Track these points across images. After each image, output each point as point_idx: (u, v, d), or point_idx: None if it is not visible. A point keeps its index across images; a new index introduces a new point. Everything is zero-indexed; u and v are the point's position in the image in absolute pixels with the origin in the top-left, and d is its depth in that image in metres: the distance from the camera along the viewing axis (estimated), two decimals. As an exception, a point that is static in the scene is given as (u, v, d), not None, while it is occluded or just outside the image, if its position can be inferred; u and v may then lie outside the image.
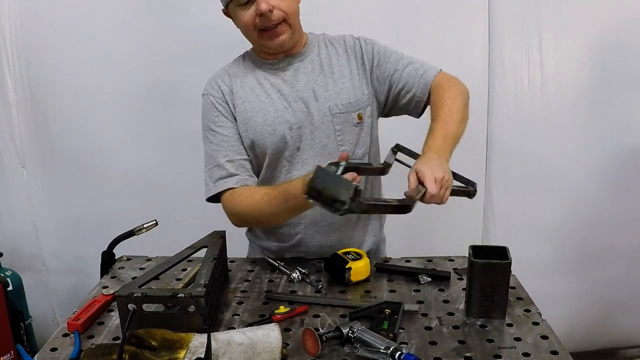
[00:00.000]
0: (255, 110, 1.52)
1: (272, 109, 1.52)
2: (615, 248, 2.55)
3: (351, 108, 1.52)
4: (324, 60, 1.56)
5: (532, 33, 2.28)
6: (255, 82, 1.55)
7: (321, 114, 1.51)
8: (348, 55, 1.57)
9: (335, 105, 1.51)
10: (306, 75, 1.53)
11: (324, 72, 1.54)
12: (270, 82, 1.54)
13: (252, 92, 1.54)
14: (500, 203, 2.45)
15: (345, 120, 1.52)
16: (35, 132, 2.33)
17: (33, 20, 2.20)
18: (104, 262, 1.50)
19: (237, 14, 1.46)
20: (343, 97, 1.52)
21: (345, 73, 1.55)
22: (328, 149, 1.53)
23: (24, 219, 2.43)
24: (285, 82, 1.53)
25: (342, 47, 1.58)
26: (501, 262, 1.21)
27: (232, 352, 1.06)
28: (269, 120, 1.51)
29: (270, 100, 1.52)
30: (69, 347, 1.13)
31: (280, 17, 1.43)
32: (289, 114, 1.51)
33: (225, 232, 1.45)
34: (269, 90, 1.53)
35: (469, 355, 1.10)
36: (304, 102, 1.51)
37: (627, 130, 2.40)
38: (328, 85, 1.53)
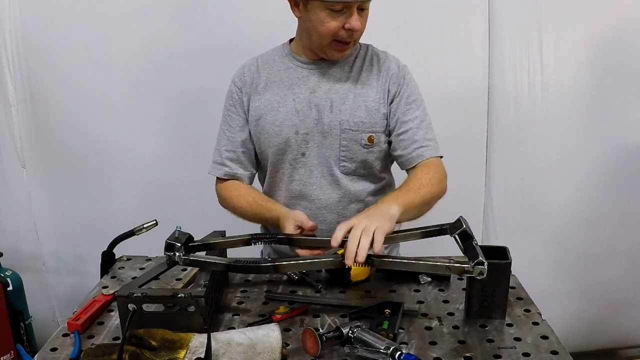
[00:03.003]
0: (268, 109, 1.53)
1: (283, 110, 1.51)
2: (615, 248, 2.55)
3: (363, 128, 1.50)
4: (353, 74, 1.54)
5: (532, 33, 2.28)
6: (279, 78, 1.54)
7: (331, 126, 1.50)
8: (381, 76, 1.53)
9: (347, 121, 1.50)
10: (329, 84, 1.52)
11: (349, 84, 1.52)
12: (292, 82, 1.53)
13: (271, 89, 1.54)
14: (500, 203, 2.45)
15: (353, 138, 1.50)
16: (35, 132, 2.33)
17: (33, 20, 2.20)
18: (104, 262, 1.50)
19: (319, 15, 1.40)
20: (357, 115, 1.50)
21: (369, 93, 1.52)
22: (330, 162, 1.53)
23: (24, 219, 2.43)
24: (307, 85, 1.52)
25: (378, 66, 1.55)
26: (501, 262, 1.21)
27: (232, 352, 1.06)
28: (277, 120, 1.51)
29: (284, 101, 1.52)
30: (69, 347, 1.13)
31: (358, 37, 1.46)
32: (297, 118, 1.50)
33: (225, 232, 1.45)
34: (287, 91, 1.52)
35: (469, 355, 1.10)
36: (318, 109, 1.50)
37: (627, 130, 2.40)
38: (347, 98, 1.51)
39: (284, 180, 1.56)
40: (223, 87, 2.05)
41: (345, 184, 1.54)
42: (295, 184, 1.55)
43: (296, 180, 1.55)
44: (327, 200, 1.55)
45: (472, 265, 1.12)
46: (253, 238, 1.39)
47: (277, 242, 1.41)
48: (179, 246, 1.24)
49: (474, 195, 2.44)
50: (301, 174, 1.54)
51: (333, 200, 1.55)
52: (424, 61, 2.26)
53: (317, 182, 1.54)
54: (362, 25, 1.42)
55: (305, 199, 1.56)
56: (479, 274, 1.12)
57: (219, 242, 1.37)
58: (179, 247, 1.23)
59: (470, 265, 1.13)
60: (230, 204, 1.59)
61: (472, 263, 1.13)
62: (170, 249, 1.24)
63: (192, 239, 1.30)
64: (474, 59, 2.30)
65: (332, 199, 1.55)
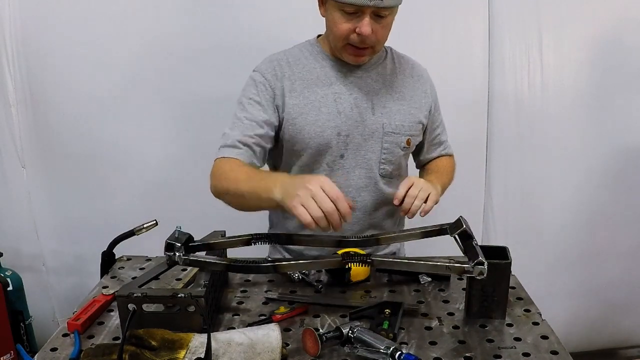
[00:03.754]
0: (308, 107, 1.48)
1: (325, 110, 1.48)
2: (615, 248, 2.55)
3: (403, 131, 1.52)
4: (388, 77, 1.54)
5: (532, 33, 2.29)
6: (315, 76, 1.50)
7: (373, 129, 1.50)
8: (414, 80, 1.57)
9: (389, 124, 1.51)
10: (368, 86, 1.51)
11: (386, 87, 1.53)
12: (330, 82, 1.50)
13: (310, 87, 1.49)
14: (500, 203, 2.46)
15: (394, 141, 1.52)
16: (35, 132, 2.33)
17: (33, 20, 2.20)
18: (104, 262, 1.50)
19: (333, 16, 1.39)
20: (398, 118, 1.52)
21: (406, 95, 1.54)
22: (370, 164, 1.53)
23: (24, 219, 2.43)
24: (346, 86, 1.50)
25: (410, 70, 1.58)
26: (501, 262, 1.21)
27: (232, 352, 1.06)
28: (319, 121, 1.48)
29: (324, 100, 1.48)
30: (69, 347, 1.13)
31: (372, 43, 1.41)
32: (340, 119, 1.48)
33: (225, 232, 1.45)
34: (327, 90, 1.49)
35: (469, 355, 1.10)
36: (360, 112, 1.49)
37: (627, 130, 2.40)
38: (387, 102, 1.52)
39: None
40: (223, 87, 2.06)
41: (381, 186, 1.55)
42: None
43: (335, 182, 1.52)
44: (362, 203, 1.55)
45: (472, 265, 1.12)
46: (253, 238, 1.39)
47: (277, 242, 1.41)
48: (179, 246, 1.24)
49: (474, 195, 2.44)
50: (338, 176, 1.52)
51: (367, 202, 1.55)
52: (424, 61, 2.24)
53: (353, 184, 1.53)
54: (379, 32, 1.38)
55: None
56: (479, 274, 1.13)
57: (219, 242, 1.37)
58: (179, 247, 1.23)
59: (470, 265, 1.13)
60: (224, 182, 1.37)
61: (472, 263, 1.13)
62: (170, 249, 1.24)
63: (192, 239, 1.30)
64: (474, 59, 2.30)
65: (366, 201, 1.55)
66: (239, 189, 1.32)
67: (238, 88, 1.79)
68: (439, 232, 1.32)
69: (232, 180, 1.35)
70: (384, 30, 1.40)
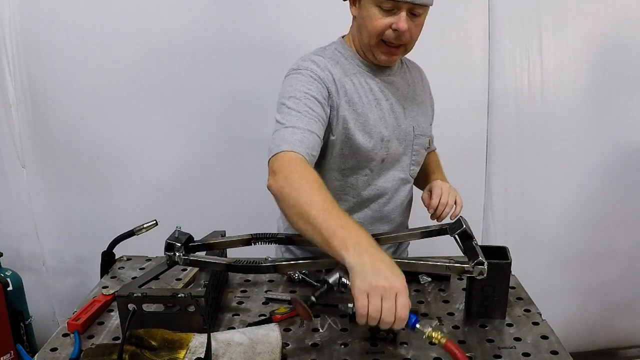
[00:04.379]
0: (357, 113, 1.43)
1: (371, 115, 1.45)
2: (615, 248, 2.55)
3: (426, 132, 1.58)
4: (409, 81, 1.57)
5: (532, 33, 2.29)
6: (357, 81, 1.46)
7: (406, 131, 1.52)
8: (423, 83, 1.64)
9: (418, 127, 1.54)
10: (399, 90, 1.53)
11: (411, 91, 1.56)
12: (370, 87, 1.48)
13: (355, 92, 1.44)
14: (500, 203, 2.46)
15: (421, 143, 1.56)
16: (35, 132, 2.33)
17: (33, 20, 2.20)
18: (104, 262, 1.50)
19: (370, 12, 1.37)
20: (422, 120, 1.56)
21: (423, 99, 1.60)
22: (402, 166, 1.55)
23: (24, 219, 2.43)
24: (382, 92, 1.50)
25: (417, 72, 1.63)
26: (501, 262, 1.21)
27: (232, 352, 1.06)
28: (367, 127, 1.44)
29: (369, 106, 1.45)
30: (69, 347, 1.13)
31: (407, 40, 1.41)
32: (382, 125, 1.47)
33: (225, 232, 1.45)
34: (370, 96, 1.47)
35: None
36: (395, 116, 1.50)
37: (627, 130, 2.40)
38: (413, 105, 1.55)
39: (358, 185, 1.51)
40: (223, 87, 2.06)
41: (409, 187, 1.61)
42: (371, 189, 1.52)
43: (372, 185, 1.52)
44: (395, 203, 1.57)
45: (472, 265, 1.12)
46: (253, 238, 1.39)
47: (277, 242, 1.41)
48: (179, 246, 1.24)
49: (474, 196, 2.44)
50: (376, 179, 1.52)
51: (399, 202, 1.58)
52: (423, 61, 2.25)
53: (390, 187, 1.54)
54: (413, 30, 1.39)
55: (377, 202, 1.55)
56: (479, 274, 1.13)
57: (219, 242, 1.37)
58: (179, 247, 1.24)
59: (470, 265, 1.13)
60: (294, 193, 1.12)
61: (472, 263, 1.13)
62: (170, 249, 1.24)
63: (192, 239, 1.30)
64: (474, 59, 2.30)
65: (398, 201, 1.58)
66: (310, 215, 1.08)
67: (238, 88, 1.79)
68: (439, 232, 1.32)
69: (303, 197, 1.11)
70: (417, 29, 1.41)
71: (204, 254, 1.34)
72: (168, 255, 1.24)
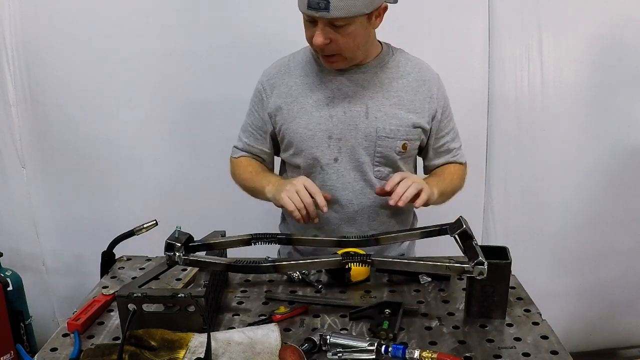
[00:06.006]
0: (301, 112, 1.51)
1: (317, 114, 1.50)
2: (615, 248, 2.55)
3: (398, 135, 1.51)
4: (387, 80, 1.52)
5: (532, 33, 2.28)
6: (310, 80, 1.52)
7: (366, 132, 1.50)
8: (418, 84, 1.54)
9: (383, 128, 1.50)
10: (364, 90, 1.50)
11: (383, 91, 1.51)
12: (325, 85, 1.51)
13: (305, 92, 1.52)
14: (500, 203, 2.45)
15: (388, 145, 1.51)
16: (35, 132, 2.33)
17: (33, 20, 2.20)
18: (104, 262, 1.50)
19: (304, 22, 1.42)
20: (393, 123, 1.50)
21: (405, 100, 1.52)
22: (364, 168, 1.53)
23: (24, 219, 2.43)
24: (340, 90, 1.50)
25: (415, 74, 1.55)
26: (501, 262, 1.21)
27: (231, 352, 1.06)
28: (310, 124, 1.50)
29: (317, 104, 1.50)
30: (69, 347, 1.13)
31: (335, 51, 1.40)
32: (331, 123, 1.49)
33: (225, 232, 1.45)
34: (321, 95, 1.50)
35: (469, 355, 1.10)
36: (353, 115, 1.49)
37: (627, 130, 2.40)
38: (383, 106, 1.50)
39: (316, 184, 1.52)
40: (223, 88, 2.06)
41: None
42: (328, 189, 1.53)
43: (328, 185, 1.54)
44: (360, 205, 1.55)
45: (472, 265, 1.13)
46: (253, 238, 1.39)
47: (277, 242, 1.42)
48: (179, 246, 1.24)
49: (474, 195, 2.44)
50: (333, 180, 1.53)
51: (365, 204, 1.55)
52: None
53: (349, 187, 1.54)
54: (340, 41, 1.37)
55: (337, 203, 1.55)
56: (479, 274, 1.13)
57: (219, 242, 1.37)
58: (179, 247, 1.24)
59: (470, 265, 1.13)
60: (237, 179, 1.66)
61: (472, 263, 1.13)
62: (170, 249, 1.24)
63: (192, 239, 1.30)
64: (474, 59, 2.30)
65: (363, 203, 1.55)
66: (246, 186, 1.64)
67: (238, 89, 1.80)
68: (439, 232, 1.32)
69: (240, 178, 1.65)
70: (345, 39, 1.38)
71: (204, 254, 1.34)
72: (168, 255, 1.24)
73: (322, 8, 1.29)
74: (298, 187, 1.39)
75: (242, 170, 1.65)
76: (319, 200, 1.39)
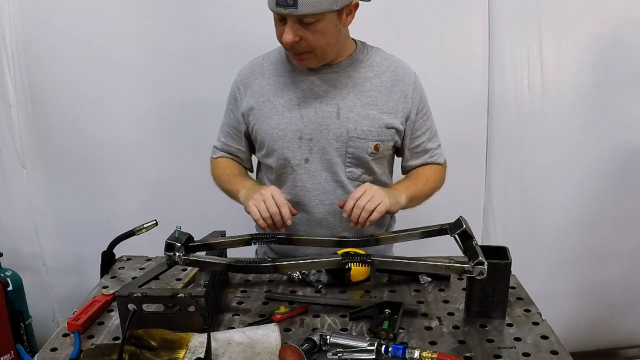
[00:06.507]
0: (273, 112, 1.51)
1: (288, 114, 1.50)
2: (615, 248, 2.55)
3: (370, 136, 1.49)
4: (360, 80, 1.51)
5: (532, 33, 2.28)
6: (283, 80, 1.52)
7: (338, 133, 1.49)
8: (392, 84, 1.52)
9: (355, 129, 1.48)
10: (336, 89, 1.50)
11: (355, 91, 1.50)
12: (297, 86, 1.51)
13: (277, 92, 1.52)
14: (500, 203, 2.45)
15: (360, 146, 1.50)
16: (35, 132, 2.33)
17: (33, 20, 2.20)
18: (104, 262, 1.50)
19: (274, 20, 1.41)
20: (365, 123, 1.49)
21: (377, 101, 1.50)
22: (335, 168, 1.52)
23: (24, 219, 2.43)
24: (311, 90, 1.50)
25: (390, 74, 1.52)
26: (501, 262, 1.21)
27: (231, 352, 1.06)
28: (281, 125, 1.50)
29: (289, 105, 1.50)
30: (69, 347, 1.13)
31: (306, 49, 1.40)
32: (302, 123, 1.49)
33: (225, 232, 1.45)
34: (292, 95, 1.51)
35: (469, 355, 1.10)
36: (324, 116, 1.49)
37: (627, 130, 2.40)
38: (355, 106, 1.49)
39: (287, 185, 1.55)
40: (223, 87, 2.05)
41: (350, 189, 1.53)
42: (299, 190, 1.54)
43: (299, 186, 1.54)
44: (331, 206, 1.55)
45: (472, 265, 1.13)
46: (253, 238, 1.39)
47: (277, 242, 1.42)
48: (179, 246, 1.24)
49: (474, 195, 2.44)
50: (304, 180, 1.53)
51: (336, 206, 1.54)
52: (424, 61, 2.25)
53: (320, 187, 1.54)
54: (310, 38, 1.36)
55: (309, 204, 1.55)
56: (479, 274, 1.13)
57: (219, 242, 1.37)
58: (179, 247, 1.24)
59: (470, 265, 1.13)
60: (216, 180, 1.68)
61: (472, 263, 1.13)
62: (170, 249, 1.24)
63: (192, 239, 1.30)
64: (474, 59, 2.30)
65: (335, 204, 1.54)
66: (223, 187, 1.65)
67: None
68: (439, 232, 1.32)
69: (218, 180, 1.67)
70: (315, 36, 1.37)
71: (204, 254, 1.34)
72: (168, 255, 1.24)
73: (290, 5, 1.29)
74: (265, 197, 1.39)
75: (221, 171, 1.66)
76: (284, 212, 1.39)
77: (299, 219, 1.55)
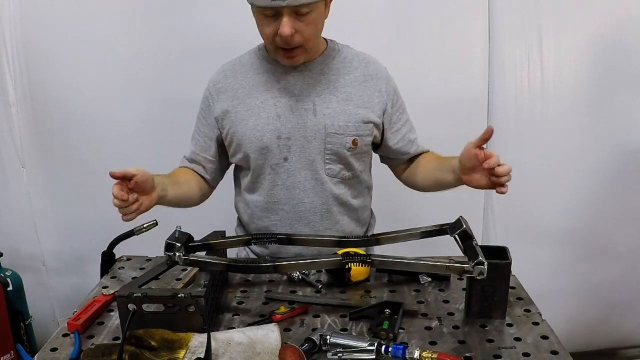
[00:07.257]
0: (248, 114, 1.51)
1: (264, 114, 1.50)
2: (615, 248, 2.55)
3: (347, 131, 1.50)
4: (333, 77, 1.51)
5: (532, 33, 2.28)
6: (257, 81, 1.53)
7: (315, 130, 1.49)
8: (365, 79, 1.53)
9: (332, 125, 1.49)
10: (310, 87, 1.50)
11: (330, 88, 1.50)
12: (271, 86, 1.51)
13: (251, 94, 1.52)
14: (500, 203, 2.45)
15: (338, 142, 1.50)
16: (35, 132, 2.33)
17: (33, 20, 2.20)
18: (104, 262, 1.51)
19: (258, 20, 1.40)
20: (342, 118, 1.49)
21: (352, 96, 1.51)
22: (315, 165, 1.52)
23: (24, 219, 2.43)
24: (286, 89, 1.50)
25: (362, 69, 1.53)
26: (501, 262, 1.21)
27: (231, 352, 1.06)
28: (258, 125, 1.50)
29: (264, 105, 1.50)
30: (69, 347, 1.13)
31: (300, 42, 1.39)
32: (279, 123, 1.49)
33: (225, 232, 1.45)
34: (267, 95, 1.51)
35: (469, 355, 1.10)
36: (300, 114, 1.49)
37: (627, 130, 2.40)
38: (331, 102, 1.50)
39: (265, 185, 1.55)
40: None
41: (329, 186, 1.54)
42: (278, 189, 1.54)
43: (279, 185, 1.54)
44: (311, 204, 1.55)
45: (472, 265, 1.13)
46: (253, 238, 1.39)
47: (277, 242, 1.42)
48: (179, 246, 1.24)
49: (474, 195, 2.43)
50: (284, 179, 1.53)
51: (317, 203, 1.55)
52: (424, 61, 2.25)
53: (300, 186, 1.54)
54: (304, 30, 1.36)
55: (289, 203, 1.55)
56: (479, 274, 1.13)
57: (219, 242, 1.37)
58: (179, 247, 1.24)
59: (470, 265, 1.13)
60: None
61: (472, 263, 1.13)
62: (170, 249, 1.24)
63: (192, 239, 1.30)
64: (474, 59, 2.30)
65: (315, 202, 1.54)
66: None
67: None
68: (439, 232, 1.32)
69: None
70: (308, 27, 1.37)
71: (204, 254, 1.34)
72: (168, 255, 1.24)
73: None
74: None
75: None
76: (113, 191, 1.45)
77: (280, 216, 1.56)
